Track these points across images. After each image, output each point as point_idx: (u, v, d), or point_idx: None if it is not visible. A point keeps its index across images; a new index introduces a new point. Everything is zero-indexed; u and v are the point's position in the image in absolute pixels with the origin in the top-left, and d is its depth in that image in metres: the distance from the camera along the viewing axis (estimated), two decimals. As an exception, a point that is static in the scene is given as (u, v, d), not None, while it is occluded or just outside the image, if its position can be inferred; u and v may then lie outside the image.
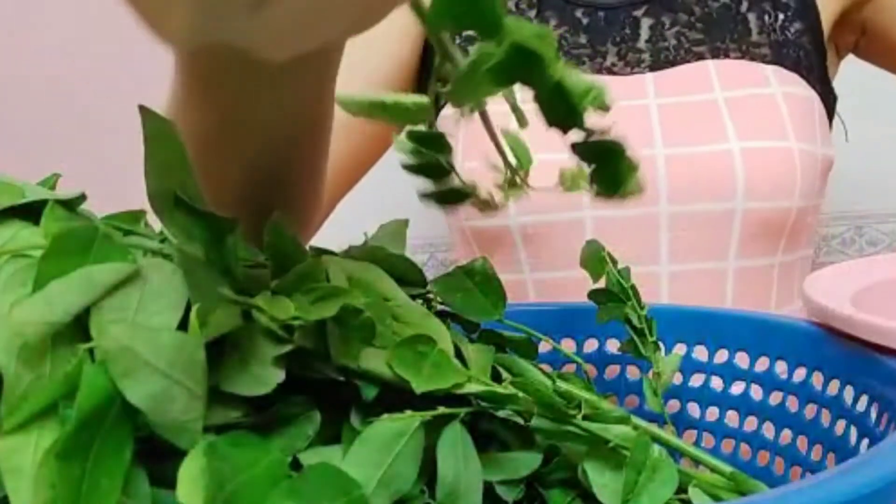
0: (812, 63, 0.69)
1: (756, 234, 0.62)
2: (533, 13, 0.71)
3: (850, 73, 0.75)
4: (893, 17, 0.69)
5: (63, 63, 1.19)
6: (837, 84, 0.74)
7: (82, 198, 0.27)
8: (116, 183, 0.88)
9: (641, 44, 0.69)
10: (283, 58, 0.22)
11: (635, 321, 0.40)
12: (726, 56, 0.67)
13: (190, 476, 0.21)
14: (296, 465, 0.26)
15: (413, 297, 0.33)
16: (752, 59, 0.67)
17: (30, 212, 0.26)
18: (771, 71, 0.66)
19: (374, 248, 0.33)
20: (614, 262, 0.41)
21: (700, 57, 0.68)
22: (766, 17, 0.69)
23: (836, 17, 0.71)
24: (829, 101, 0.71)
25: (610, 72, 0.69)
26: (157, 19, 0.21)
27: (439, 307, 0.36)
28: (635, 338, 0.40)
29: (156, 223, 0.28)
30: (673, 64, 0.68)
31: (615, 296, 0.40)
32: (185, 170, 0.25)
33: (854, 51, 0.74)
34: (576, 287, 0.65)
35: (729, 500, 0.31)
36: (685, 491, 0.31)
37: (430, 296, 0.35)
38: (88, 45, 1.19)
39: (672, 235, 0.62)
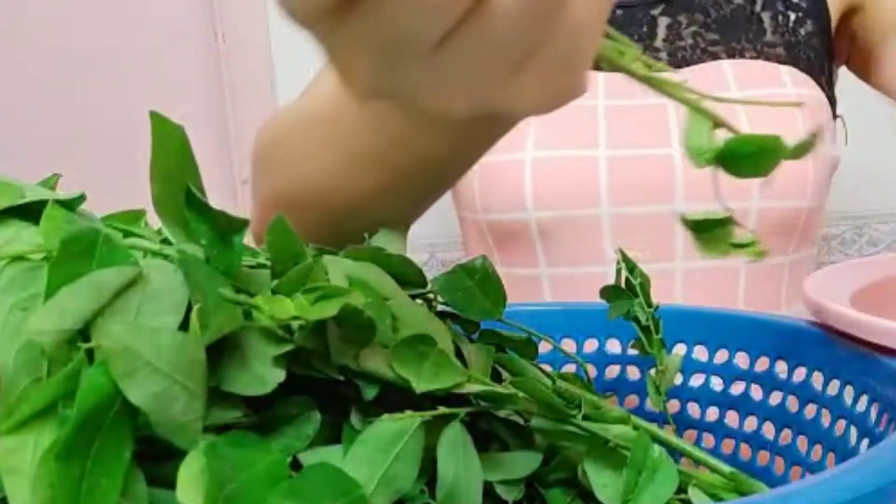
0: (822, 65, 0.69)
1: (770, 232, 0.63)
2: None
3: (849, 73, 0.75)
4: (874, 29, 0.69)
5: (63, 63, 1.19)
6: (837, 83, 0.74)
7: (82, 198, 0.27)
8: (116, 183, 0.88)
9: (659, 43, 0.70)
10: (458, 114, 0.23)
11: (642, 319, 0.40)
12: (741, 56, 0.68)
13: (190, 476, 0.21)
14: (296, 465, 0.26)
15: (413, 297, 0.33)
16: (767, 59, 0.68)
17: (30, 212, 0.26)
18: (785, 71, 0.66)
19: (374, 248, 0.33)
20: (627, 258, 0.40)
21: (715, 57, 0.68)
22: (780, 18, 0.69)
23: (838, 21, 0.71)
24: (833, 103, 0.71)
25: None
26: (346, 72, 0.22)
27: (439, 307, 0.36)
28: (641, 335, 0.40)
29: (154, 222, 0.28)
30: (689, 63, 0.68)
31: (624, 293, 0.40)
32: (192, 173, 0.25)
33: (847, 62, 0.75)
34: (590, 283, 0.66)
35: (729, 500, 0.31)
36: (685, 491, 0.31)
37: (430, 296, 0.35)
38: (88, 46, 1.19)
39: (687, 233, 0.63)
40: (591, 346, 0.46)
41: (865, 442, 0.34)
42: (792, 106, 0.33)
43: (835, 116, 0.72)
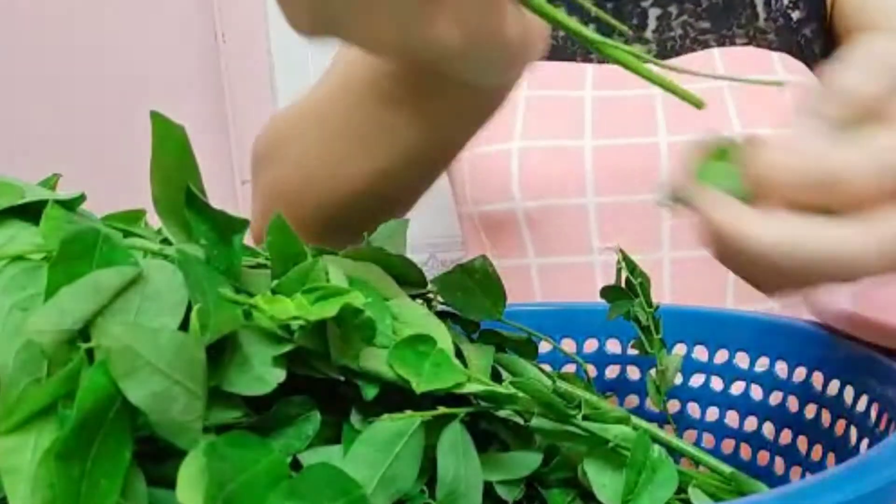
0: (815, 52, 0.68)
1: None
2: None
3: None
4: (849, 23, 0.68)
5: (62, 63, 1.19)
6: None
7: (82, 198, 0.27)
8: (116, 183, 0.88)
9: (648, 34, 0.69)
10: (389, 47, 0.27)
11: (643, 319, 0.40)
12: (732, 43, 0.67)
13: (190, 476, 0.21)
14: (296, 465, 0.26)
15: (413, 297, 0.33)
16: (759, 45, 0.67)
17: (30, 212, 0.26)
18: (777, 57, 0.65)
19: (374, 248, 0.33)
20: (627, 258, 0.40)
21: (706, 45, 0.68)
22: (773, 2, 0.69)
23: (832, 4, 0.71)
24: None
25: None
26: (289, 13, 0.26)
27: (439, 307, 0.36)
28: (641, 335, 0.40)
29: (154, 222, 0.28)
30: (678, 53, 0.68)
31: (624, 293, 0.40)
32: (192, 173, 0.26)
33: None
34: (578, 272, 0.66)
35: (729, 500, 0.31)
36: (685, 491, 0.31)
37: (430, 296, 0.35)
38: (88, 45, 1.19)
39: (674, 222, 0.62)
40: (591, 346, 0.46)
41: (865, 442, 0.34)
42: (774, 85, 0.33)
43: None
